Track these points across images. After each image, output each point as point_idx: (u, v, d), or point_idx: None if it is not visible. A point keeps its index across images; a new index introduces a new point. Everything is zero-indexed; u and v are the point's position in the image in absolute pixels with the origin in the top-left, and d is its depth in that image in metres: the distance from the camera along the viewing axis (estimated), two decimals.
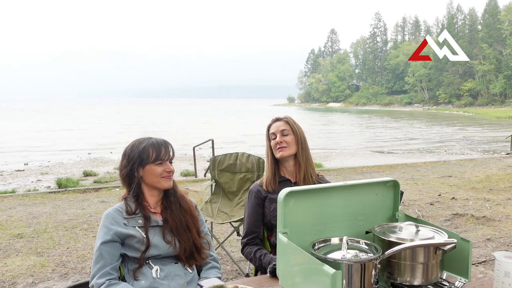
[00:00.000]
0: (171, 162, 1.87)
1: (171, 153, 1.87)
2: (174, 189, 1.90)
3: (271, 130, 2.21)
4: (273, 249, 2.15)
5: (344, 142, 20.48)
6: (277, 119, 2.23)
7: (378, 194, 1.61)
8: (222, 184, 4.22)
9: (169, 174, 1.85)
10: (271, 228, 2.16)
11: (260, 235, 2.16)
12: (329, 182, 2.11)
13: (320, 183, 2.17)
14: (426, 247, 1.36)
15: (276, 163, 2.21)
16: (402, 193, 1.81)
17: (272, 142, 2.20)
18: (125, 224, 1.76)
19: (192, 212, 1.91)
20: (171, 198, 1.88)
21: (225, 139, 18.88)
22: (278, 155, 2.16)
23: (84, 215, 5.72)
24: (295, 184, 2.17)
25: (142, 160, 1.80)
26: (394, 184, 1.63)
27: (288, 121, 2.20)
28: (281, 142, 2.15)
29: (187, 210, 1.89)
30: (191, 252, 1.82)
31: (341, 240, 1.36)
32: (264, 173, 2.28)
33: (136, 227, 1.76)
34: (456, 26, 79.84)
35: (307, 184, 2.13)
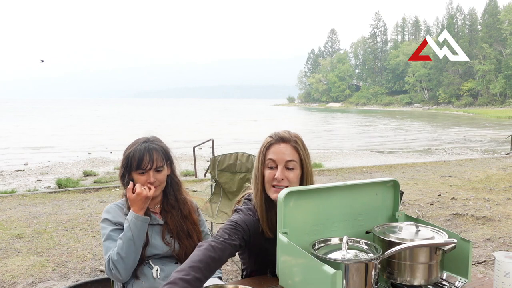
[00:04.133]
0: (158, 171, 1.75)
1: (155, 162, 1.73)
2: (175, 193, 1.87)
3: (271, 155, 1.56)
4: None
5: (344, 142, 20.48)
6: (283, 139, 1.57)
7: (378, 194, 1.61)
8: (222, 184, 4.22)
9: (152, 185, 1.73)
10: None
11: None
12: None
13: None
14: (426, 247, 1.36)
15: (270, 202, 1.60)
16: (402, 193, 1.81)
17: (269, 174, 1.56)
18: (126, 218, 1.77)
19: (193, 217, 1.89)
20: (172, 203, 1.85)
21: (225, 139, 18.88)
22: (272, 195, 1.57)
23: (84, 215, 5.71)
24: None
25: (129, 166, 1.76)
26: (394, 184, 1.63)
27: (297, 147, 1.57)
28: (282, 179, 1.55)
29: (188, 216, 1.86)
30: None
31: (341, 240, 1.36)
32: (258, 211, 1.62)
33: None
34: (456, 26, 79.83)
35: None
